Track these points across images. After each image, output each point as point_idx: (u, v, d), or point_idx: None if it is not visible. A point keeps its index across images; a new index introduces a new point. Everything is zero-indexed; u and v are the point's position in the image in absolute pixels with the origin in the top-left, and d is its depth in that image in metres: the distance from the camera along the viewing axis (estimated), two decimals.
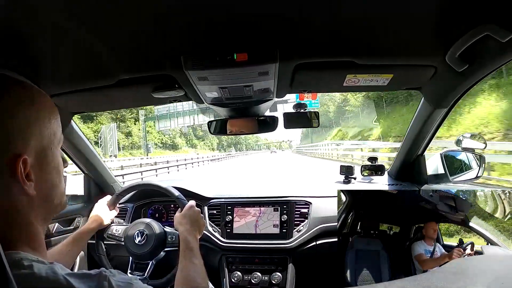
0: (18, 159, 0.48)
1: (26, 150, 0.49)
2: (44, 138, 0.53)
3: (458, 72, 0.92)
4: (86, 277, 0.48)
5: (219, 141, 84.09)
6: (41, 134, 0.53)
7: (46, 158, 0.53)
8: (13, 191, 0.48)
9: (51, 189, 0.55)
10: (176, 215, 1.13)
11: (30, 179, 0.50)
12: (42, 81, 0.94)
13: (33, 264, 0.46)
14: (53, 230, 1.44)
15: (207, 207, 1.60)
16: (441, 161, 1.49)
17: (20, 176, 0.48)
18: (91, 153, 1.59)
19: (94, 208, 1.32)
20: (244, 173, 14.69)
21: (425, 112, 1.27)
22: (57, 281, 0.45)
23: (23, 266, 0.45)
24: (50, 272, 0.46)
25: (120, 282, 0.50)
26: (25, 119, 0.50)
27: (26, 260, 0.46)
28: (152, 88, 1.08)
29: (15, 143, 0.48)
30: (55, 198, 0.56)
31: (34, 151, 0.51)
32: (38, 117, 0.53)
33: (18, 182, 0.48)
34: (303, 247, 1.46)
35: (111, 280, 0.49)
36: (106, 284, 0.49)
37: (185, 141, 63.61)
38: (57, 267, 0.47)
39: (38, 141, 0.52)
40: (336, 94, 39.93)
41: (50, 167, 0.54)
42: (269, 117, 1.34)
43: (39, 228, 0.53)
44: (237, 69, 0.90)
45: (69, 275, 0.46)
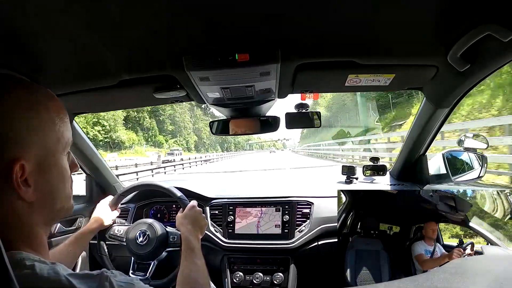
0: (14, 165, 0.46)
1: (25, 155, 0.48)
2: (48, 143, 0.52)
3: (460, 72, 0.92)
4: (88, 277, 0.48)
5: (199, 138, 64.53)
6: (44, 139, 0.51)
7: (48, 163, 0.52)
8: (10, 196, 0.47)
9: (52, 194, 0.53)
10: (177, 215, 1.14)
11: (28, 184, 0.48)
12: (43, 81, 0.95)
13: (35, 264, 0.46)
14: (55, 230, 1.44)
15: (209, 208, 1.60)
16: (443, 161, 1.49)
17: (15, 183, 0.47)
18: (93, 153, 1.59)
19: (96, 208, 1.32)
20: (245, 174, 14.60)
21: (426, 112, 1.26)
22: (58, 281, 0.45)
23: (25, 266, 0.45)
24: (52, 272, 0.46)
25: (121, 283, 0.50)
26: (25, 122, 0.48)
27: (28, 260, 0.46)
28: (153, 88, 1.08)
29: (13, 147, 0.47)
30: (57, 203, 0.54)
31: (35, 156, 0.49)
32: (41, 120, 0.51)
33: (13, 188, 0.47)
34: (305, 248, 1.46)
35: (112, 280, 0.49)
36: (107, 285, 0.48)
37: (142, 137, 46.97)
38: (59, 267, 0.47)
39: (40, 145, 0.50)
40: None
41: (52, 172, 0.53)
42: (271, 117, 1.34)
43: (41, 231, 0.53)
44: (238, 69, 0.90)
45: (70, 276, 0.46)
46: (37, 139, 0.50)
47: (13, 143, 0.47)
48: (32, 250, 0.49)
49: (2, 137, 0.46)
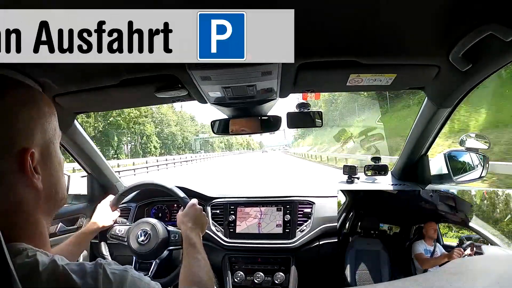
0: (26, 153, 0.50)
1: (32, 144, 0.51)
2: (47, 133, 0.55)
3: (462, 72, 0.92)
4: (83, 265, 0.50)
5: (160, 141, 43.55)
6: (44, 129, 0.55)
7: (50, 152, 0.56)
8: (21, 186, 0.50)
9: (56, 183, 0.57)
10: (178, 214, 1.14)
11: (38, 172, 0.52)
12: (46, 81, 0.95)
13: (37, 254, 0.47)
14: (57, 230, 1.45)
15: (210, 207, 1.60)
16: (444, 161, 1.49)
17: (29, 169, 0.50)
18: (95, 152, 1.60)
19: (97, 209, 1.32)
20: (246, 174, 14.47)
21: (428, 112, 1.26)
22: (57, 270, 0.47)
23: (27, 256, 0.47)
24: (51, 262, 0.48)
25: (115, 270, 0.52)
26: (28, 117, 0.52)
27: (31, 250, 0.48)
28: (155, 88, 1.09)
29: (21, 138, 0.50)
30: (59, 192, 0.57)
31: (40, 146, 0.53)
32: (40, 114, 0.55)
33: (26, 176, 0.50)
34: (306, 247, 1.46)
35: (106, 268, 0.51)
36: (100, 271, 0.50)
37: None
38: (57, 257, 0.49)
39: (42, 136, 0.54)
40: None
41: (54, 161, 0.56)
42: (273, 116, 1.34)
43: (44, 223, 0.55)
44: (240, 68, 0.90)
45: (67, 265, 0.48)
46: (39, 130, 0.54)
47: (22, 134, 0.51)
48: (33, 243, 0.50)
49: (12, 129, 0.50)
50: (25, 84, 0.57)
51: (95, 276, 0.49)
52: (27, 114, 0.52)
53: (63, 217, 1.48)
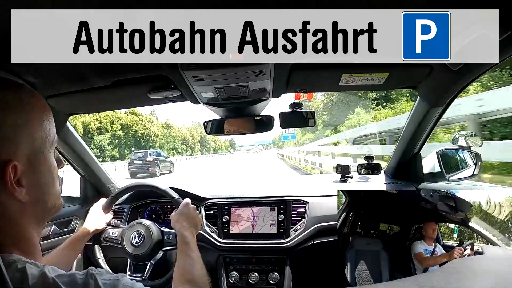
0: (7, 166, 0.46)
1: (16, 155, 0.48)
2: (36, 141, 0.52)
3: (454, 71, 0.92)
4: (74, 276, 0.49)
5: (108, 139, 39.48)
6: (32, 137, 0.51)
7: (38, 161, 0.52)
8: (4, 198, 0.47)
9: (44, 193, 0.53)
10: (172, 214, 1.14)
11: (21, 184, 0.49)
12: (37, 82, 0.94)
13: (26, 266, 0.46)
14: (50, 232, 1.43)
15: (204, 208, 1.59)
16: (437, 159, 1.50)
17: (9, 183, 0.47)
18: (87, 154, 1.58)
19: (89, 212, 1.31)
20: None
21: (420, 111, 1.27)
22: (47, 283, 0.45)
23: (16, 269, 0.45)
24: (41, 274, 0.46)
25: (106, 280, 0.50)
26: (13, 123, 0.48)
27: (20, 262, 0.46)
28: (147, 88, 1.08)
29: (3, 149, 0.47)
30: (48, 201, 0.54)
31: (25, 156, 0.49)
32: (27, 119, 0.51)
33: (7, 189, 0.47)
34: (300, 247, 1.46)
35: (97, 278, 0.50)
36: (92, 282, 0.49)
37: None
38: (47, 269, 0.47)
39: (29, 145, 0.50)
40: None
41: (42, 170, 0.53)
42: (266, 116, 1.34)
43: (33, 232, 0.53)
44: (232, 69, 0.90)
45: (57, 277, 0.47)
46: (26, 139, 0.50)
47: (4, 144, 0.47)
48: (23, 253, 0.49)
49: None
50: (12, 84, 0.53)
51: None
52: (11, 120, 0.48)
53: (56, 219, 1.46)
